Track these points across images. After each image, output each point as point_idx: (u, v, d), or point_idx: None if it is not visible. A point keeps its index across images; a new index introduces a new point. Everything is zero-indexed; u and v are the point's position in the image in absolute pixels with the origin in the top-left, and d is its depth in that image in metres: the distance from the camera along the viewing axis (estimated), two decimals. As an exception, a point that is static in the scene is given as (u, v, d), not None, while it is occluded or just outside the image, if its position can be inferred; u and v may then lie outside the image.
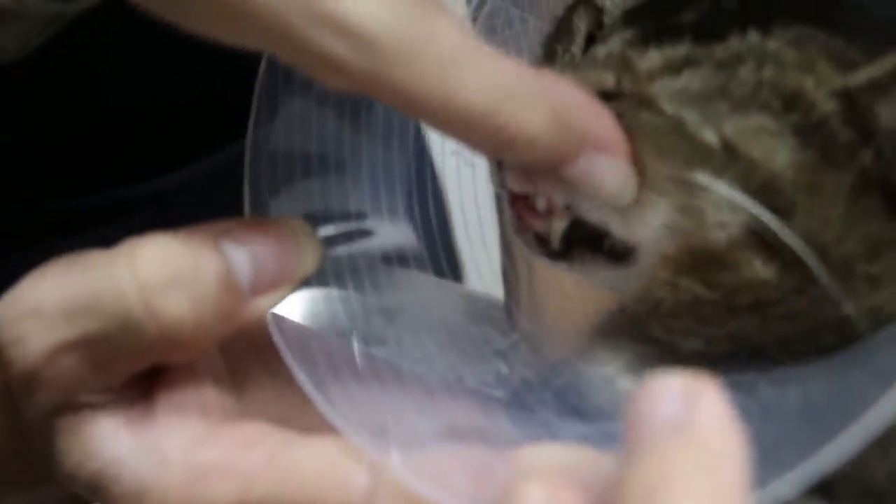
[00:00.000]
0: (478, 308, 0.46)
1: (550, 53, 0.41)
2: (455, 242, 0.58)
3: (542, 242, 0.38)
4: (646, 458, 0.24)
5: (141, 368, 0.33)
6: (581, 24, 0.40)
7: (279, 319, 0.35)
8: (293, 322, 0.36)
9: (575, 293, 0.43)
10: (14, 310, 0.32)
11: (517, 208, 0.38)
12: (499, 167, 0.38)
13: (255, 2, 0.30)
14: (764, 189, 0.35)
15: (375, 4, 0.30)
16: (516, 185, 0.37)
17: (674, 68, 0.36)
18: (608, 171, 0.34)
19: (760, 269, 0.35)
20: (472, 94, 0.31)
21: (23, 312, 0.32)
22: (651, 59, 0.37)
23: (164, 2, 0.31)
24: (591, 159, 0.34)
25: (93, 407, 0.33)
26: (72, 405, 0.33)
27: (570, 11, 0.41)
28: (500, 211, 0.47)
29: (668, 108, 0.36)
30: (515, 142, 0.32)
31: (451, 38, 0.31)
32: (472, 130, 0.32)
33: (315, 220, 0.40)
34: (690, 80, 0.36)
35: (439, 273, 0.46)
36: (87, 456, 0.33)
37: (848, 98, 0.34)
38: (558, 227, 0.37)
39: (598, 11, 0.40)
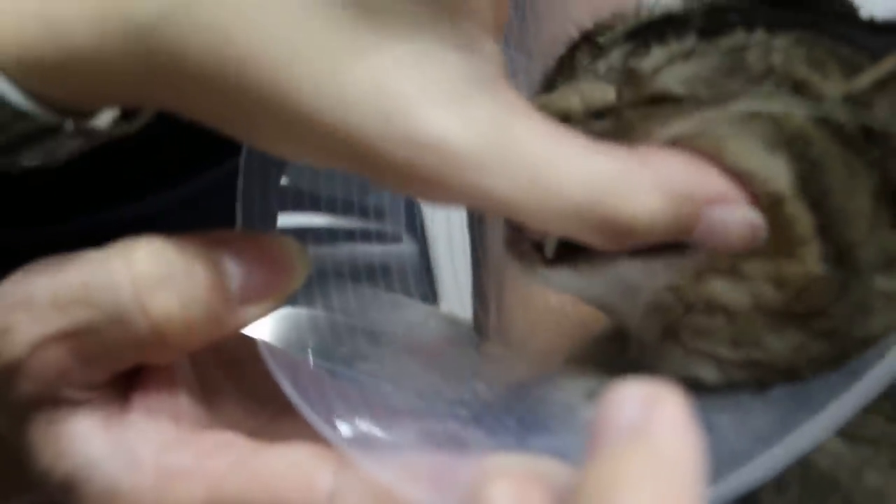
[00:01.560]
0: (460, 331, 0.46)
1: (550, 84, 0.41)
2: (432, 262, 0.59)
3: (537, 250, 0.37)
4: (601, 462, 0.24)
5: (125, 366, 0.33)
6: (583, 59, 0.39)
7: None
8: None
9: (545, 315, 0.42)
10: (3, 301, 0.33)
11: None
12: None
13: (337, 130, 0.30)
14: (794, 139, 0.34)
15: (454, 118, 0.30)
16: None
17: (680, 58, 0.36)
18: (731, 221, 0.33)
19: (817, 259, 0.33)
20: (569, 190, 0.31)
21: (13, 304, 0.32)
22: (655, 56, 0.36)
23: (261, 135, 0.32)
24: (711, 216, 0.33)
25: (72, 403, 0.33)
26: (52, 399, 0.33)
27: (573, 49, 0.40)
28: (473, 230, 0.47)
29: (679, 90, 0.35)
30: (634, 227, 0.31)
31: (535, 138, 0.31)
32: (582, 225, 0.31)
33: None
34: (699, 66, 0.35)
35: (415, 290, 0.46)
36: (61, 455, 0.33)
37: (852, 101, 0.34)
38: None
39: (599, 50, 0.41)
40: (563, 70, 0.41)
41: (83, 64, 0.31)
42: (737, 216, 0.33)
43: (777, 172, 0.34)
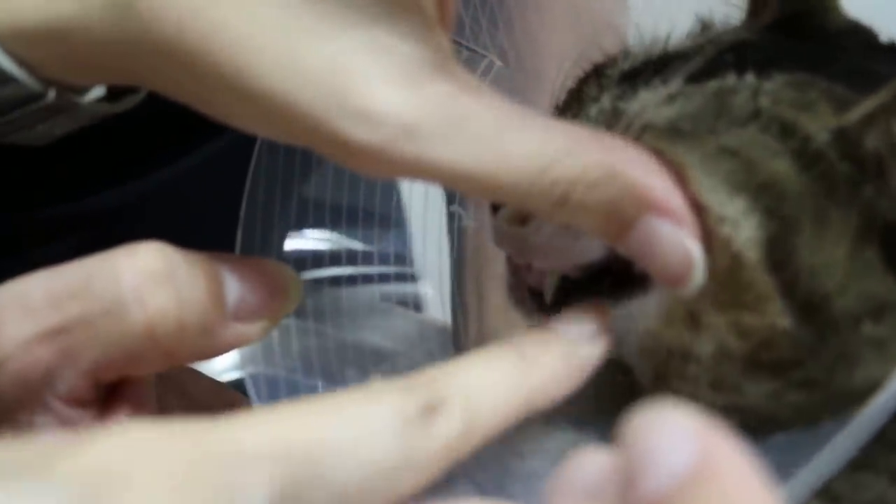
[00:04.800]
0: (441, 340, 0.46)
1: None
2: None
3: (535, 297, 0.38)
4: None
5: (110, 372, 0.33)
6: (591, 93, 0.40)
7: None
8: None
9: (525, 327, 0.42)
10: None
11: (513, 264, 0.38)
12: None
13: (292, 105, 0.31)
14: (765, 189, 0.33)
15: (408, 94, 0.31)
16: (517, 257, 0.38)
17: (666, 101, 0.36)
18: (671, 242, 0.32)
19: (780, 313, 0.33)
20: (520, 159, 0.31)
21: (5, 302, 0.32)
22: (642, 99, 0.36)
23: (221, 109, 0.33)
24: (652, 225, 0.32)
25: (49, 418, 0.32)
26: (29, 411, 0.32)
27: (581, 83, 0.41)
28: (453, 241, 0.47)
29: (661, 124, 0.35)
30: (570, 197, 0.32)
31: (489, 112, 0.32)
32: (527, 194, 0.32)
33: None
34: (684, 105, 0.35)
35: None
36: None
37: (842, 135, 0.34)
38: (552, 279, 0.37)
39: (601, 88, 0.40)
40: (571, 104, 0.41)
41: (68, 33, 0.32)
42: (676, 238, 0.32)
43: (734, 215, 0.33)
